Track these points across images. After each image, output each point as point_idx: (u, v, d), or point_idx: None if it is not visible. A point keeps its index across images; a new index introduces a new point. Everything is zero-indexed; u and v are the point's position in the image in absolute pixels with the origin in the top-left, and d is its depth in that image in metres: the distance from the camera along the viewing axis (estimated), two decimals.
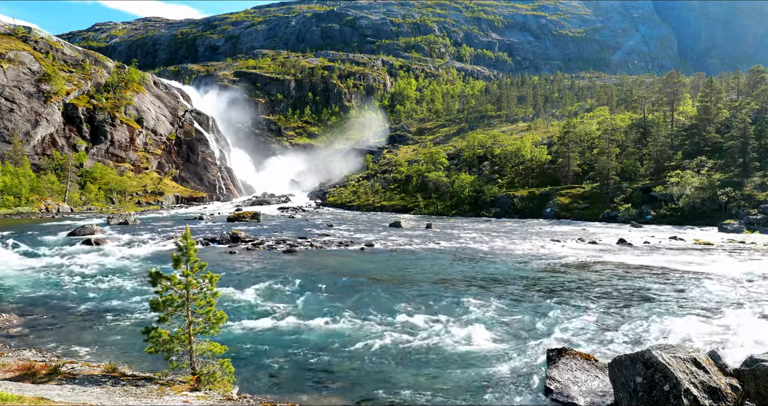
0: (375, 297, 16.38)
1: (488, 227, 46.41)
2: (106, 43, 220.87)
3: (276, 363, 10.64)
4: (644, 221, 50.84)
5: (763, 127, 57.64)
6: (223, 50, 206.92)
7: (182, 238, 8.82)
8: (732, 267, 22.31)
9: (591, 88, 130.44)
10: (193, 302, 8.77)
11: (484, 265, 23.67)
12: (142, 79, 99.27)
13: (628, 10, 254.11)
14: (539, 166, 72.31)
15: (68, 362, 9.96)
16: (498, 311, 14.56)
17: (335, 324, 13.33)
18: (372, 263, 24.40)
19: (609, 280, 19.51)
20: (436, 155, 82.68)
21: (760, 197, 47.06)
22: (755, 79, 75.71)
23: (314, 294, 16.81)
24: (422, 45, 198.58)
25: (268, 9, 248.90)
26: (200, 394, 8.15)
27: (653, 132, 64.19)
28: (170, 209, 73.08)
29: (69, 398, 7.11)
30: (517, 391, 9.20)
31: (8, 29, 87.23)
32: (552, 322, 13.55)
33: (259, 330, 12.89)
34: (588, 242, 33.34)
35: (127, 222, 42.43)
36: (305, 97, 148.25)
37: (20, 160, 64.63)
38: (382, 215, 66.52)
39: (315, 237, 34.48)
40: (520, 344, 11.60)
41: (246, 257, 25.52)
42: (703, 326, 13.05)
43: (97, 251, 26.68)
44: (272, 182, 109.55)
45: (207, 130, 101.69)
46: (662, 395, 7.41)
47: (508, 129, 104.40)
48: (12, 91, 72.06)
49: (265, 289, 17.54)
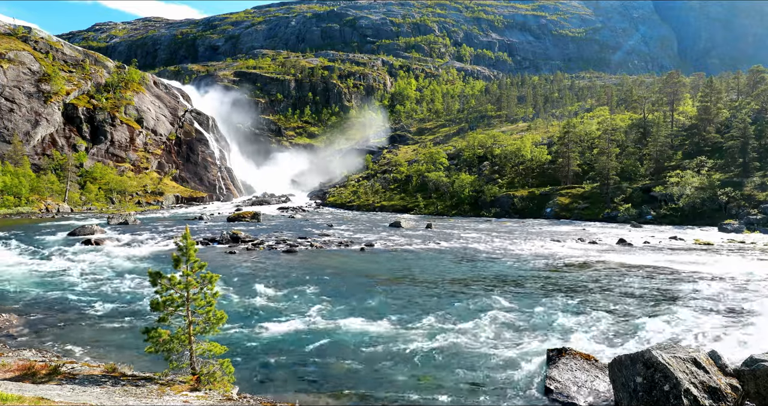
0: (375, 297, 16.37)
1: (488, 227, 46.40)
2: (106, 43, 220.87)
3: (276, 363, 10.64)
4: (644, 221, 50.84)
5: (763, 127, 57.63)
6: (223, 50, 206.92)
7: (182, 238, 8.82)
8: (732, 267, 22.31)
9: (591, 88, 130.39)
10: (193, 302, 8.77)
11: (484, 265, 23.66)
12: (142, 79, 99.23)
13: (628, 10, 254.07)
14: (539, 166, 72.30)
15: (68, 362, 9.96)
16: (498, 311, 14.56)
17: (335, 324, 13.33)
18: (372, 263, 24.40)
19: (609, 280, 19.51)
20: (436, 155, 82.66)
21: (760, 197, 47.05)
22: (755, 79, 75.70)
23: (314, 294, 16.81)
24: (422, 45, 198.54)
25: (268, 9, 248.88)
26: (200, 394, 8.15)
27: (653, 132, 64.18)
28: (170, 209, 73.07)
29: (69, 398, 7.11)
30: (517, 391, 9.20)
31: (8, 29, 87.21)
32: (552, 322, 13.55)
33: (259, 330, 12.89)
34: (588, 242, 33.34)
35: (127, 222, 42.43)
36: (305, 97, 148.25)
37: (20, 160, 64.62)
38: (382, 215, 66.51)
39: (315, 237, 34.48)
40: (520, 344, 11.60)
41: (246, 257, 25.52)
42: (703, 326, 13.04)
43: (97, 251, 26.68)
44: (272, 182, 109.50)
45: (207, 130, 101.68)
46: (662, 395, 7.41)
47: (508, 129, 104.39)
48: (12, 91, 72.05)
49: (265, 289, 17.54)
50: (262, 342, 11.98)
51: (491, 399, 8.91)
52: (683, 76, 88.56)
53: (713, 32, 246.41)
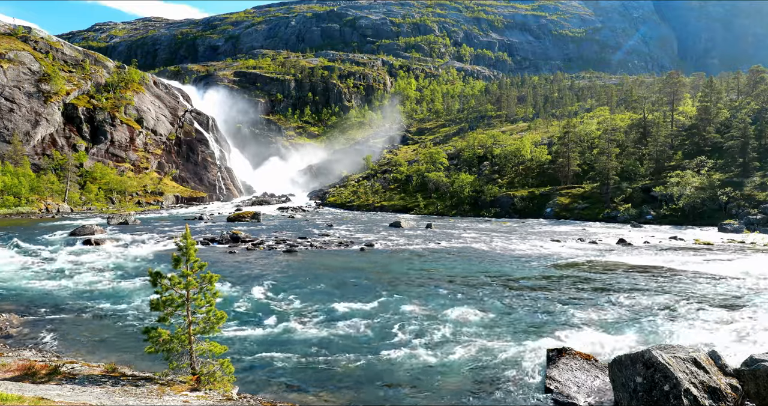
0: (375, 297, 16.37)
1: (488, 227, 46.40)
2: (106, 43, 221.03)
3: (276, 363, 10.64)
4: (644, 220, 50.84)
5: (763, 127, 57.62)
6: (223, 50, 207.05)
7: (182, 238, 8.82)
8: (732, 267, 22.30)
9: (591, 88, 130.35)
10: (193, 301, 8.77)
11: (484, 265, 23.67)
12: (142, 79, 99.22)
13: (628, 10, 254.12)
14: (539, 166, 72.30)
15: (68, 362, 9.96)
16: (498, 311, 14.56)
17: (335, 324, 13.33)
18: (372, 263, 24.40)
19: (609, 280, 19.51)
20: (436, 155, 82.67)
21: (760, 197, 47.05)
22: (755, 79, 75.71)
23: (314, 294, 16.81)
24: (422, 45, 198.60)
25: (268, 9, 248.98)
26: (200, 394, 8.15)
27: (653, 132, 64.17)
28: (170, 209, 73.07)
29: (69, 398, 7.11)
30: (517, 391, 9.20)
31: (8, 29, 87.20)
32: (552, 322, 13.55)
33: (259, 330, 12.89)
34: (588, 241, 33.33)
35: (127, 222, 42.43)
36: (305, 97, 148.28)
37: (20, 160, 64.63)
38: (382, 215, 66.50)
39: (315, 237, 34.47)
40: (520, 344, 11.60)
41: (246, 257, 25.52)
42: (703, 325, 13.04)
43: (97, 250, 26.68)
44: (272, 182, 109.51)
45: (207, 130, 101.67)
46: (662, 395, 7.41)
47: (508, 129, 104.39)
48: (12, 91, 72.05)
49: (265, 289, 17.55)
50: (263, 342, 11.98)
51: (491, 399, 8.91)
52: (683, 76, 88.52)
53: (713, 32, 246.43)
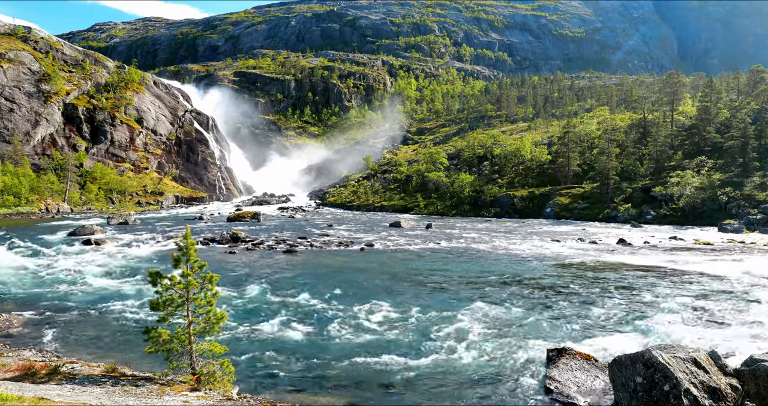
0: (375, 297, 16.37)
1: (488, 227, 46.40)
2: (106, 43, 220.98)
3: (276, 363, 10.64)
4: (644, 220, 50.83)
5: (763, 127, 57.61)
6: (223, 50, 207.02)
7: (182, 238, 8.82)
8: (732, 267, 22.30)
9: (591, 88, 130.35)
10: (193, 302, 8.77)
11: (484, 265, 23.67)
12: (142, 79, 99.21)
13: (628, 10, 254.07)
14: (539, 166, 72.29)
15: (68, 362, 9.96)
16: (498, 311, 14.56)
17: (335, 324, 13.33)
18: (372, 263, 24.40)
19: (609, 280, 19.51)
20: (436, 155, 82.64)
21: (760, 197, 47.04)
22: (755, 79, 75.67)
23: (314, 294, 16.81)
24: (422, 45, 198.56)
25: (268, 9, 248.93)
26: (200, 394, 8.15)
27: (653, 132, 64.15)
28: (170, 209, 73.06)
29: (69, 398, 7.11)
30: (517, 391, 9.20)
31: (8, 29, 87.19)
32: (552, 322, 13.55)
33: (259, 330, 12.89)
34: (588, 241, 33.33)
35: (127, 222, 42.43)
36: (305, 97, 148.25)
37: (20, 160, 64.62)
38: (382, 215, 66.50)
39: (315, 237, 34.47)
40: (521, 344, 11.60)
41: (246, 257, 25.52)
42: (704, 325, 13.04)
43: (97, 250, 26.68)
44: (272, 182, 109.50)
45: (207, 130, 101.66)
46: (662, 395, 7.41)
47: (508, 129, 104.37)
48: (12, 91, 72.04)
49: (266, 289, 17.55)
50: (262, 342, 11.98)
51: (491, 399, 8.91)
52: (683, 76, 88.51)
53: (713, 32, 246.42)
